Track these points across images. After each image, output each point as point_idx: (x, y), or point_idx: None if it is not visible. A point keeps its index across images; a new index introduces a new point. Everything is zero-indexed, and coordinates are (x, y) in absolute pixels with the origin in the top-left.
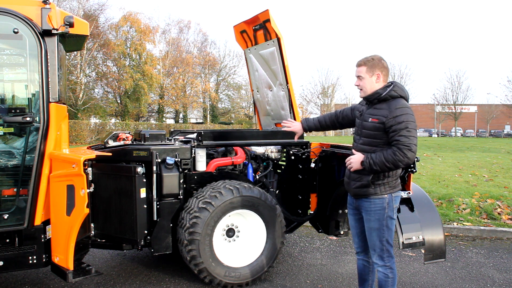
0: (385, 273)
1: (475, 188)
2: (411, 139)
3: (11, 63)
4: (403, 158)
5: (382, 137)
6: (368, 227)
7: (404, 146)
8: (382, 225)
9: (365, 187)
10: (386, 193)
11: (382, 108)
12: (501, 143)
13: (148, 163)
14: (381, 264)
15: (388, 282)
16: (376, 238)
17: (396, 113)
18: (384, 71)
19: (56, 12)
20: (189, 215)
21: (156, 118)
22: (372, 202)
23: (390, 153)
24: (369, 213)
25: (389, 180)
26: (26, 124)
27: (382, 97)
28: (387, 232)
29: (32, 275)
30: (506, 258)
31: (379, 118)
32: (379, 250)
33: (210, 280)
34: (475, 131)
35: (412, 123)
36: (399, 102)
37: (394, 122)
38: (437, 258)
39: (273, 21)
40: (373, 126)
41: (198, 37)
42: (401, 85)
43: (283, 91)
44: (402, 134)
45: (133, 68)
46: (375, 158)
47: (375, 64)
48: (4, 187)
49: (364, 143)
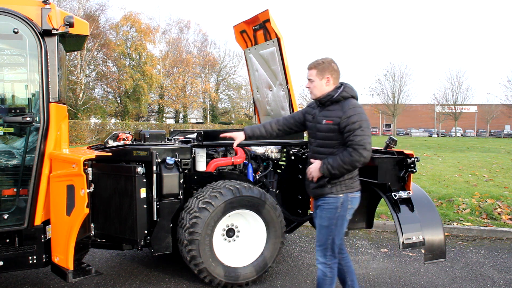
0: (324, 271)
1: (475, 188)
2: (365, 138)
3: (11, 63)
4: (359, 157)
5: (337, 138)
6: (319, 223)
7: (359, 145)
8: (331, 223)
9: (322, 186)
10: (342, 192)
11: (335, 109)
12: (501, 143)
13: (148, 163)
14: (322, 261)
15: (325, 281)
16: (324, 235)
17: (349, 113)
18: (334, 74)
19: (56, 12)
20: (189, 215)
21: (156, 118)
22: (326, 200)
23: (346, 154)
24: (322, 211)
25: (345, 179)
26: (26, 124)
27: (334, 98)
28: (335, 231)
29: (32, 275)
30: (506, 258)
31: (333, 119)
32: (323, 247)
33: (210, 280)
34: (475, 131)
35: (365, 122)
36: (351, 102)
37: (348, 122)
38: (437, 258)
39: (273, 21)
40: (328, 127)
41: (198, 37)
42: (350, 85)
43: (283, 91)
44: (357, 133)
45: (133, 68)
46: (333, 163)
47: (325, 68)
48: (4, 187)
49: (320, 145)
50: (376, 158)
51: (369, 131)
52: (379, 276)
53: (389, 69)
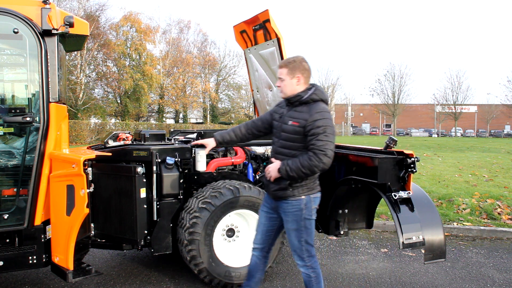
0: (307, 273)
1: (475, 188)
2: (327, 144)
3: (11, 63)
4: (318, 163)
5: (301, 141)
6: (287, 228)
7: (320, 151)
8: (300, 225)
9: (283, 189)
10: (303, 194)
11: (302, 111)
12: (501, 143)
13: (148, 163)
14: (302, 264)
15: (311, 281)
16: (295, 238)
17: (315, 117)
18: (305, 73)
19: (56, 12)
20: (189, 215)
21: (156, 118)
22: (290, 203)
23: (305, 158)
24: (287, 215)
25: (307, 182)
26: (26, 124)
27: (304, 100)
28: (305, 232)
29: (32, 275)
30: (506, 258)
31: (299, 121)
32: (298, 250)
33: (210, 280)
34: (475, 131)
35: (330, 127)
36: (319, 106)
37: (313, 125)
38: (437, 258)
39: (273, 21)
40: (293, 129)
41: (198, 37)
42: (321, 88)
43: None
44: (319, 138)
45: (133, 68)
46: (291, 165)
47: (296, 67)
48: (4, 187)
49: (283, 146)
50: (376, 158)
51: (333, 138)
52: (379, 276)
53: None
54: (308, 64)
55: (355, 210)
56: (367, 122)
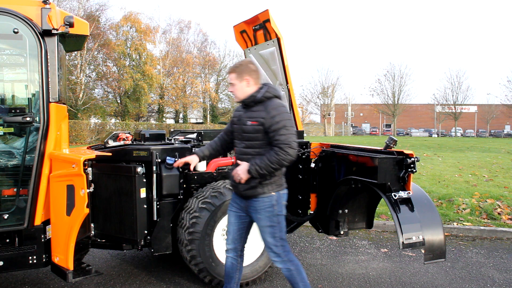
0: (287, 267)
1: (475, 188)
2: (290, 137)
3: (11, 63)
4: (285, 156)
5: (263, 138)
6: (260, 226)
7: (285, 144)
8: (273, 222)
9: (253, 188)
10: (273, 191)
11: (259, 110)
12: (501, 143)
13: (148, 163)
14: (279, 260)
15: (293, 274)
16: (270, 236)
17: (272, 113)
18: (253, 74)
19: (56, 12)
20: (189, 215)
21: (156, 118)
22: (261, 201)
23: (273, 154)
24: (259, 212)
25: (275, 179)
26: (26, 124)
27: (258, 99)
28: (278, 228)
29: (32, 275)
30: (506, 258)
31: (258, 120)
32: (274, 247)
33: (210, 280)
34: (475, 131)
35: (289, 121)
36: (274, 102)
37: (272, 122)
38: (437, 258)
39: (273, 21)
40: (253, 128)
41: (198, 37)
42: (273, 85)
43: (283, 91)
44: (281, 133)
45: (133, 68)
46: (260, 163)
47: (243, 70)
48: (4, 187)
49: (247, 146)
50: (376, 158)
51: (294, 130)
52: (379, 276)
53: (389, 69)
54: (255, 65)
55: (355, 210)
56: (367, 122)
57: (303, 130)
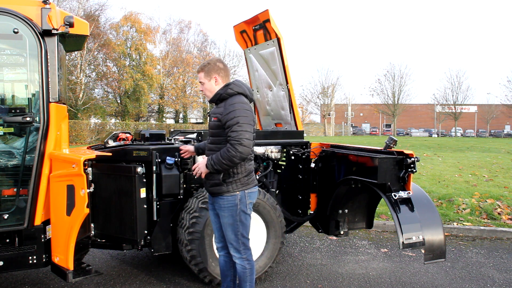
0: (243, 264)
1: (475, 188)
2: (241, 134)
3: (11, 63)
4: (235, 153)
5: (223, 134)
6: (223, 222)
7: (235, 141)
8: (235, 220)
9: (218, 185)
10: (238, 190)
11: (220, 106)
12: (501, 143)
13: (148, 163)
14: (238, 257)
15: (246, 273)
16: (231, 232)
17: (228, 109)
18: (222, 72)
19: (56, 12)
20: (189, 215)
21: (156, 118)
22: (225, 199)
23: (224, 150)
24: (223, 210)
25: (240, 177)
26: (26, 124)
27: (222, 96)
28: (241, 226)
29: (32, 275)
30: (506, 258)
31: (217, 116)
32: (235, 243)
33: (210, 280)
34: (475, 131)
35: (244, 117)
36: (234, 99)
37: (227, 118)
38: (437, 258)
39: (273, 21)
40: (214, 124)
41: (199, 37)
42: (239, 82)
43: (283, 91)
44: (234, 129)
45: (133, 68)
46: (214, 158)
47: (211, 68)
48: (4, 187)
49: (211, 142)
50: (376, 158)
51: (249, 127)
52: (379, 276)
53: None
54: (223, 63)
55: (355, 210)
56: (367, 122)
57: (303, 130)
